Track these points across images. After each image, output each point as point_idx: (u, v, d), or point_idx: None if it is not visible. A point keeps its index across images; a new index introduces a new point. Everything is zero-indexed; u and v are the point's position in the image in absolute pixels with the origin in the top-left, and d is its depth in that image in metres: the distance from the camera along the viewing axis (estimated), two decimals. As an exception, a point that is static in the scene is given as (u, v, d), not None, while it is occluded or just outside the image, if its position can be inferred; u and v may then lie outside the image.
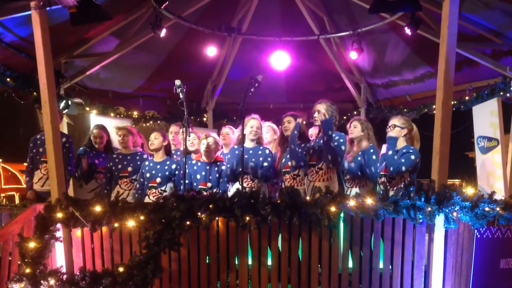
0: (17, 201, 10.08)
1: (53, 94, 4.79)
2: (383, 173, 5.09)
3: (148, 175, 5.57)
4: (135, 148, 6.06)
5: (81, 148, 6.42)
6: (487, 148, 7.18)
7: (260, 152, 5.44)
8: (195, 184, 5.37)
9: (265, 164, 5.38)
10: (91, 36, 7.55)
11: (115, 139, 6.71)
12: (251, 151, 5.45)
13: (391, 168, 4.87)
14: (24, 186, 10.24)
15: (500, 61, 7.14)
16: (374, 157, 5.22)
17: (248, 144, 5.46)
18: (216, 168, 5.42)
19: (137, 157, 5.93)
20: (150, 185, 5.55)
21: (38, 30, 4.69)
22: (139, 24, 7.62)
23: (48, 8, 4.76)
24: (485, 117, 7.21)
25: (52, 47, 4.84)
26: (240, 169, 4.98)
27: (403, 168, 4.83)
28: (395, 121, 5.17)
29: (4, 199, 9.80)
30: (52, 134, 4.72)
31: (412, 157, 4.87)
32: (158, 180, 5.52)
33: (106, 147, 6.47)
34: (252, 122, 5.44)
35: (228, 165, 5.45)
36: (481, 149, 7.34)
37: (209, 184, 5.37)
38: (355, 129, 5.43)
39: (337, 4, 8.21)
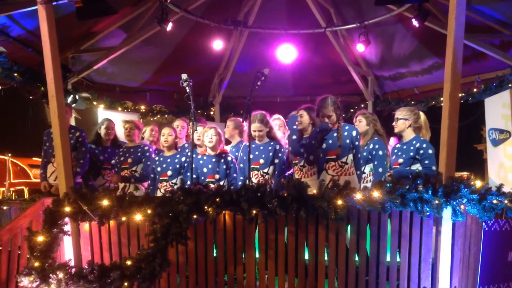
0: (26, 195, 10.15)
1: (60, 89, 4.81)
2: (395, 166, 5.04)
3: (159, 169, 5.65)
4: (140, 142, 6.13)
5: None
6: (498, 140, 7.12)
7: (270, 147, 5.41)
8: (202, 178, 5.39)
9: (276, 160, 5.37)
10: (97, 30, 7.57)
11: (120, 133, 6.75)
12: (261, 147, 5.43)
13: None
14: (33, 180, 10.36)
15: (508, 52, 7.08)
16: (380, 152, 5.20)
17: (257, 141, 5.46)
18: (222, 160, 5.43)
19: (139, 149, 6.03)
20: (161, 178, 5.63)
21: (45, 24, 4.70)
22: (145, 18, 7.63)
23: (54, 3, 4.78)
24: (497, 109, 7.14)
25: (59, 42, 4.85)
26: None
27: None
28: (397, 114, 5.09)
29: (13, 194, 9.86)
30: (59, 128, 4.74)
31: (430, 151, 4.82)
32: (169, 173, 5.60)
33: (113, 142, 6.50)
34: (253, 126, 5.33)
35: (241, 165, 5.46)
36: (493, 142, 7.28)
37: (217, 176, 5.38)
38: (360, 123, 5.40)
39: (343, -4, 8.18)
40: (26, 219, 4.79)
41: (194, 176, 5.20)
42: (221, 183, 5.28)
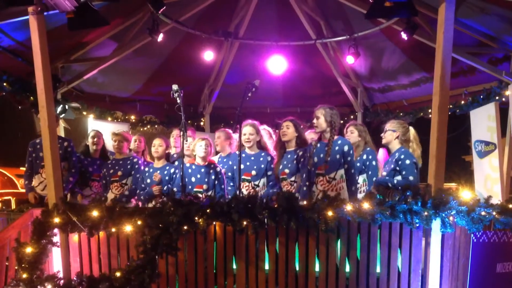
0: (13, 205, 10.04)
1: (50, 99, 4.79)
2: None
3: (148, 180, 5.63)
4: (129, 154, 6.10)
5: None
6: (484, 152, 7.19)
7: (261, 159, 5.39)
8: (190, 187, 5.37)
9: (269, 172, 5.33)
10: (88, 40, 7.56)
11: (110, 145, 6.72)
12: (252, 158, 5.40)
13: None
14: (20, 190, 10.25)
15: (495, 65, 7.18)
16: (374, 163, 5.21)
17: (248, 150, 5.44)
18: (212, 171, 5.42)
19: (128, 162, 5.98)
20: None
21: (36, 35, 4.69)
22: (136, 29, 7.63)
23: (45, 13, 4.77)
24: (483, 122, 7.22)
25: (49, 52, 4.83)
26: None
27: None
28: (387, 125, 5.07)
29: (0, 204, 9.74)
30: (49, 139, 4.72)
31: (407, 161, 4.77)
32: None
33: (102, 154, 6.47)
34: (244, 130, 5.35)
35: (230, 174, 5.44)
36: (479, 153, 7.35)
37: (205, 186, 5.36)
38: (352, 134, 5.41)
39: (333, 9, 8.24)
40: (14, 230, 4.74)
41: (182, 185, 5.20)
42: (209, 193, 5.28)
